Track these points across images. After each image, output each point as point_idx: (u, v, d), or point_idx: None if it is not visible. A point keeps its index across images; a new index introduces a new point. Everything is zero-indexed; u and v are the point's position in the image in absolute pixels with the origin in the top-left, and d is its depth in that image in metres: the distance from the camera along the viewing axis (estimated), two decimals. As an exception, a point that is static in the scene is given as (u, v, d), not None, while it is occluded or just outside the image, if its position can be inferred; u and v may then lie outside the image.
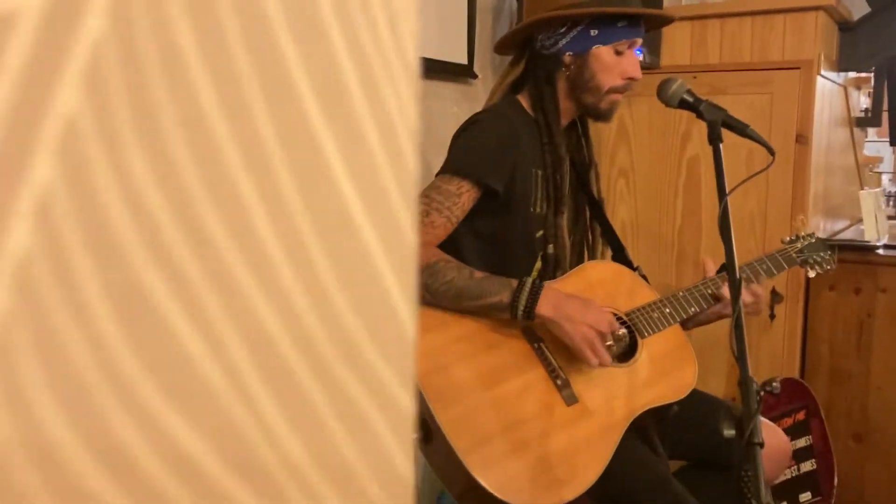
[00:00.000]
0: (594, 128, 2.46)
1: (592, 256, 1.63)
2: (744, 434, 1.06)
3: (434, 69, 2.04)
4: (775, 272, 1.62)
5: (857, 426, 2.24)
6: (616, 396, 1.37)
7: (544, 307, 1.31)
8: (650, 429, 1.41)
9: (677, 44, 2.36)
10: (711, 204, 2.32)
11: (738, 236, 2.32)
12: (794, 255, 1.64)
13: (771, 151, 1.35)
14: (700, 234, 2.33)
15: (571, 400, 1.33)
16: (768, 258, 1.62)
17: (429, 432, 1.25)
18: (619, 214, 2.46)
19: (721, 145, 1.36)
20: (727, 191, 1.31)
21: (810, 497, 2.17)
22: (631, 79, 1.48)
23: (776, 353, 2.25)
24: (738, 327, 1.18)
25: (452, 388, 1.27)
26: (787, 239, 1.71)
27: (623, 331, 1.38)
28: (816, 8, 2.20)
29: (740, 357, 1.17)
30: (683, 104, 1.42)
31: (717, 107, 1.39)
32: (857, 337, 2.22)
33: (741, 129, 1.38)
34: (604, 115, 1.53)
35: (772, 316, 2.27)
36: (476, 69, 2.15)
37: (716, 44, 2.31)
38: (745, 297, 1.48)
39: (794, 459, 2.15)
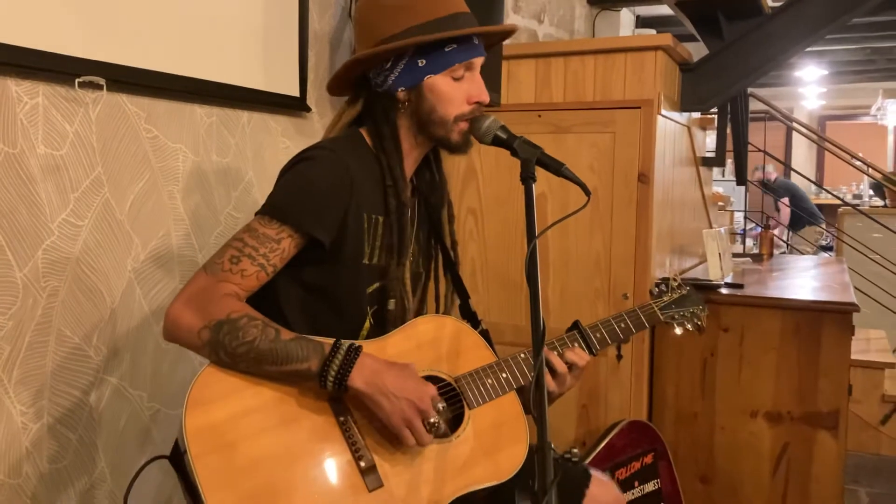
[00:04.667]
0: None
1: (440, 310, 1.47)
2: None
3: (262, 101, 1.90)
4: (634, 331, 1.45)
5: (703, 468, 2.21)
6: (429, 479, 1.20)
7: (358, 379, 1.15)
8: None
9: (522, 82, 2.32)
10: (560, 245, 2.28)
11: (584, 276, 2.29)
12: (657, 311, 1.50)
13: (586, 192, 1.26)
14: (548, 277, 2.28)
15: (375, 484, 1.16)
16: (628, 315, 1.45)
17: None
18: (469, 253, 2.37)
19: (533, 184, 1.27)
20: (536, 233, 1.22)
21: (659, 544, 2.11)
22: (478, 103, 1.34)
23: (624, 395, 2.21)
24: (538, 386, 1.08)
25: (233, 472, 1.09)
26: (657, 290, 1.55)
27: (443, 404, 1.22)
28: (655, 48, 2.21)
29: (539, 420, 1.06)
30: (497, 141, 1.33)
31: (533, 144, 1.31)
32: (701, 377, 2.20)
33: (556, 168, 1.30)
34: (458, 147, 1.36)
35: (619, 357, 2.23)
36: (311, 102, 2.02)
37: (559, 82, 2.29)
38: (557, 366, 1.35)
39: (643, 505, 2.09)
